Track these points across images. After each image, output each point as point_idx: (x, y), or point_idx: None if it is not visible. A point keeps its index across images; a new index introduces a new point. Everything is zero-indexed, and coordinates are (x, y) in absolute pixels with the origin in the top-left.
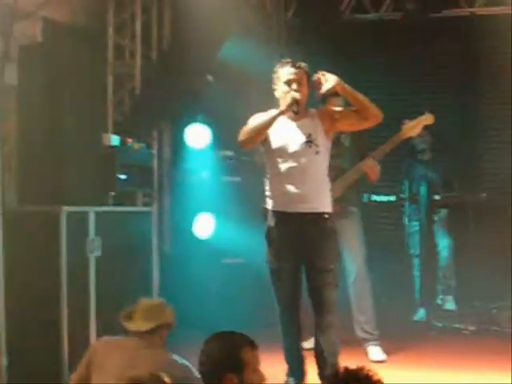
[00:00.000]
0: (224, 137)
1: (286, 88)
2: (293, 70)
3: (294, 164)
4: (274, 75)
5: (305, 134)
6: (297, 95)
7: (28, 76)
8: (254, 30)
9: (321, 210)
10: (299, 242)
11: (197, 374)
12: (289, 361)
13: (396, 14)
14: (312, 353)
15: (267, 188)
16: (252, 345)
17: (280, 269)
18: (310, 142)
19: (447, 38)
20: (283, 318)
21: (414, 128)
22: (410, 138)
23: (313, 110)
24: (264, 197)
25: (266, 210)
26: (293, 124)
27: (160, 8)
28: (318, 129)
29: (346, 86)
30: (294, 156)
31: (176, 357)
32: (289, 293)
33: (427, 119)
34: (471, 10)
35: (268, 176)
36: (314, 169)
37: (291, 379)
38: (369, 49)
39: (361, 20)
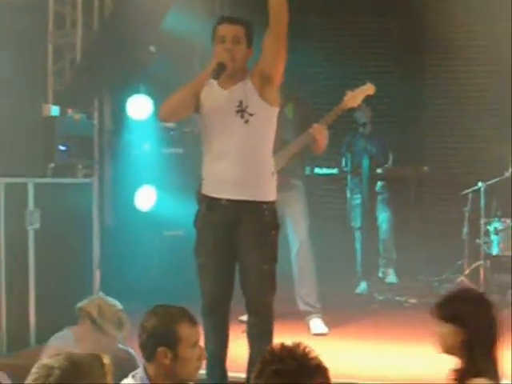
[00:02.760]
0: None
1: (218, 47)
2: (227, 25)
3: (225, 138)
4: (212, 33)
5: (236, 101)
6: (223, 56)
7: None
8: (197, 1)
9: (259, 198)
10: (230, 234)
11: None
12: (208, 372)
13: None
14: None
15: (202, 168)
16: (191, 320)
17: (206, 264)
18: (241, 111)
19: (393, 9)
20: (206, 323)
21: (355, 98)
22: (352, 110)
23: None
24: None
25: (198, 193)
26: (224, 92)
27: None
28: (251, 93)
29: None
30: (224, 129)
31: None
32: (215, 293)
33: (368, 89)
34: None
35: (203, 154)
36: (250, 143)
37: None
38: (313, 19)
39: None
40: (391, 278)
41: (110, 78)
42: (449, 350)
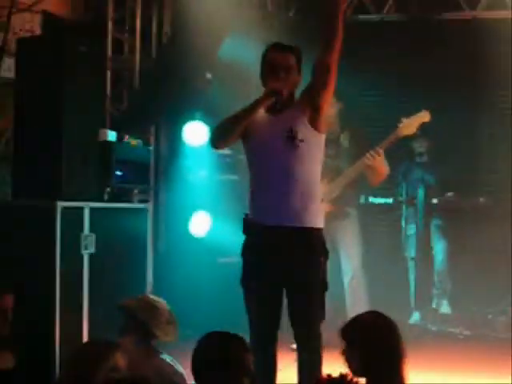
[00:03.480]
0: None
1: (270, 76)
2: (279, 53)
3: (274, 166)
4: (262, 59)
5: (286, 128)
6: (277, 85)
7: (26, 70)
8: (255, 29)
9: (307, 224)
10: (277, 261)
11: (182, 372)
12: None
13: (398, 16)
14: None
15: (249, 195)
16: (244, 346)
17: (253, 293)
18: (291, 137)
19: (448, 40)
20: (255, 354)
21: (410, 126)
22: (408, 139)
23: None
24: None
25: (245, 221)
26: (273, 118)
27: (160, 3)
28: (300, 120)
29: None
30: (273, 156)
31: (165, 356)
32: (263, 323)
33: (424, 116)
34: (473, 13)
35: (250, 181)
36: (299, 170)
37: None
38: (370, 49)
39: (363, 20)
40: (445, 308)
41: (167, 104)
42: (353, 372)
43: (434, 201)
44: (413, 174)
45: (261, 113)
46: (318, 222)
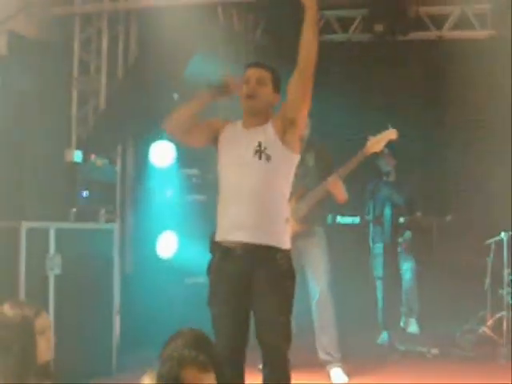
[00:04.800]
0: (189, 155)
1: (243, 88)
2: (253, 68)
3: (241, 179)
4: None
5: (255, 142)
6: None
7: None
8: (222, 48)
9: (273, 243)
10: (244, 282)
11: None
12: None
13: (364, 36)
14: None
15: (217, 212)
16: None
17: (220, 314)
18: (259, 151)
19: (413, 59)
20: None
21: (377, 143)
22: (375, 158)
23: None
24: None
25: (211, 240)
26: (246, 132)
27: (127, 24)
28: (272, 135)
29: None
30: (240, 169)
31: None
32: (231, 344)
33: (391, 134)
34: (439, 33)
35: (219, 197)
36: (265, 186)
37: None
38: (336, 69)
39: (329, 41)
40: (413, 328)
41: (134, 124)
42: None
43: (401, 220)
44: (380, 193)
45: (238, 126)
46: (285, 242)
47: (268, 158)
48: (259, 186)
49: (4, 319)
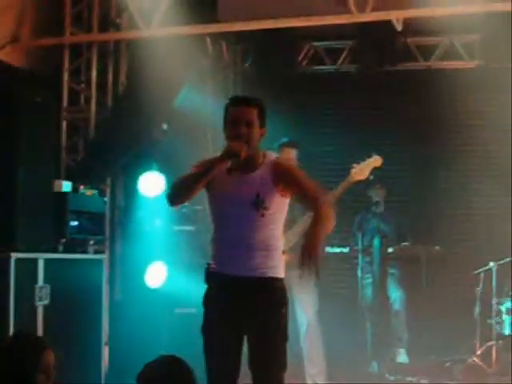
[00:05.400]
0: None
1: (230, 131)
2: (240, 107)
3: (239, 227)
4: (224, 112)
5: (252, 192)
6: (236, 146)
7: None
8: (211, 79)
9: (270, 275)
10: (240, 312)
11: None
12: None
13: (352, 67)
14: None
15: (212, 247)
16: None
17: (215, 343)
18: (257, 203)
19: (402, 90)
20: None
21: (362, 171)
22: (364, 188)
23: (271, 156)
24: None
25: (207, 271)
26: (240, 178)
27: (116, 55)
28: (268, 186)
29: None
30: (238, 218)
31: None
32: (224, 375)
33: (375, 161)
34: (427, 63)
35: (212, 232)
36: (264, 232)
37: None
38: (324, 99)
39: (318, 71)
40: (402, 357)
41: (123, 154)
42: None
43: (390, 250)
44: (369, 224)
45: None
46: (280, 272)
47: (266, 209)
48: (258, 233)
49: (7, 351)
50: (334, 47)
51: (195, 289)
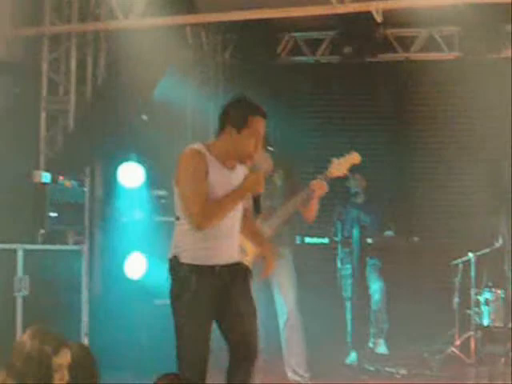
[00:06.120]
0: (158, 176)
1: (252, 142)
2: (263, 119)
3: (233, 218)
4: (240, 117)
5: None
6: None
7: None
8: (191, 70)
9: (239, 259)
10: (221, 297)
11: None
12: None
13: (332, 58)
14: None
15: (180, 239)
16: None
17: (198, 328)
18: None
19: (382, 81)
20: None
21: (340, 167)
22: (345, 179)
23: None
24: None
25: (177, 262)
26: (232, 172)
27: (96, 45)
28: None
29: None
30: (234, 210)
31: None
32: (204, 356)
33: (354, 158)
34: (406, 55)
35: (185, 223)
36: (240, 219)
37: None
38: (304, 90)
39: (298, 62)
40: (382, 348)
41: (102, 145)
42: None
43: (369, 241)
44: (348, 214)
45: (218, 164)
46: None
47: (245, 203)
48: (237, 225)
49: (22, 350)
50: (315, 38)
51: None
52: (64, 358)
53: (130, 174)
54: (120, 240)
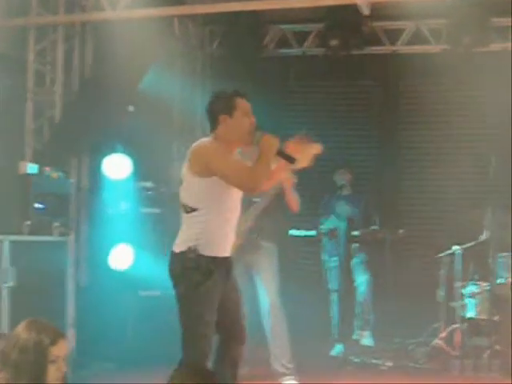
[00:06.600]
0: (144, 167)
1: (246, 120)
2: (245, 99)
3: (234, 201)
4: (227, 103)
5: None
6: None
7: None
8: (178, 61)
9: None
10: (225, 282)
11: None
12: None
13: (319, 50)
14: None
15: (197, 227)
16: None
17: (211, 320)
18: None
19: (368, 74)
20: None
21: (304, 158)
22: (331, 172)
23: None
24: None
25: (195, 254)
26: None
27: (82, 36)
28: None
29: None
30: (239, 202)
31: None
32: (210, 345)
33: (315, 149)
34: (393, 47)
35: (203, 214)
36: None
37: None
38: (290, 83)
39: (285, 54)
40: (367, 340)
41: (89, 136)
42: None
43: (356, 233)
44: (335, 207)
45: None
46: None
47: None
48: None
49: (18, 341)
50: (301, 30)
51: (161, 272)
52: (62, 348)
53: (117, 166)
54: (106, 231)
